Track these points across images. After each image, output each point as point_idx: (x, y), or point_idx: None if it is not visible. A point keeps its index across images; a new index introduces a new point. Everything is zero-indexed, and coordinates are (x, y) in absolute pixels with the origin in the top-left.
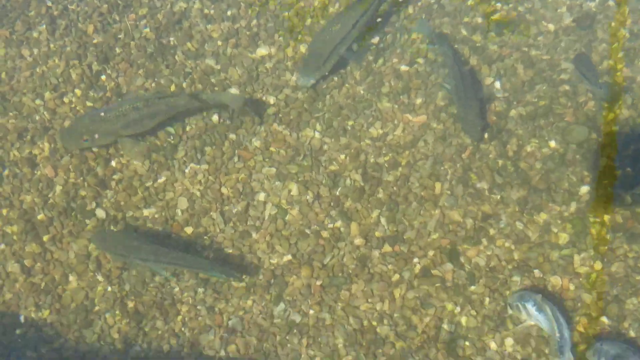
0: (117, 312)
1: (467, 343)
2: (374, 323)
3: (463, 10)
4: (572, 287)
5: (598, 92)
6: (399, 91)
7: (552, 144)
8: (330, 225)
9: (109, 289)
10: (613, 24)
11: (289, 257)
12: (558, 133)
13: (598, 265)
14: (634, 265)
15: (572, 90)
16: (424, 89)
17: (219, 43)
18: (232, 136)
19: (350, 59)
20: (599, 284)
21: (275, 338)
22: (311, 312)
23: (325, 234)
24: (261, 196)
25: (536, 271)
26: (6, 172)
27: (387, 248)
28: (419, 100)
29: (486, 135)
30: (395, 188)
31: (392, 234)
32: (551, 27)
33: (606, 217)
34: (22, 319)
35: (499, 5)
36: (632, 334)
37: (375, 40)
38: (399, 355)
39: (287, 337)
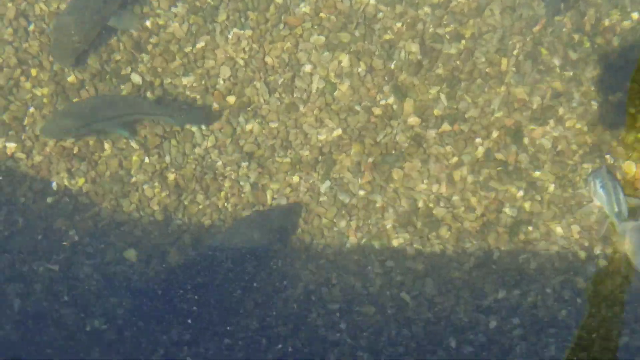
0: (157, 183)
1: (530, 228)
2: (430, 205)
3: None
4: None
5: None
6: None
7: (635, 15)
8: (383, 102)
9: (147, 160)
10: None
11: (339, 132)
12: None
13: None
14: None
15: None
16: None
17: None
18: (278, 0)
19: None
20: None
21: (321, 219)
22: (361, 192)
23: (377, 110)
24: (308, 68)
25: (608, 156)
26: (32, 27)
27: (445, 127)
28: None
29: (562, 6)
30: (458, 62)
31: (452, 112)
32: None
33: None
34: (54, 186)
35: None
36: None
37: None
38: (455, 237)
39: (335, 219)
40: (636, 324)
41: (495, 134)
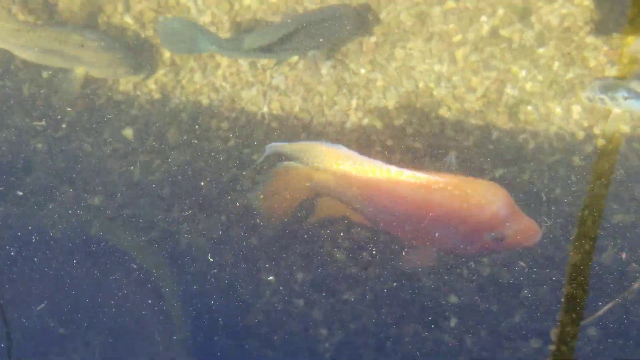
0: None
1: (530, 108)
2: (431, 85)
3: None
4: None
5: None
6: None
7: None
8: None
9: (142, 35)
10: None
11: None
12: None
13: None
14: None
15: None
16: None
17: None
18: None
19: None
20: None
21: (322, 98)
22: (362, 71)
23: None
24: None
25: (615, 34)
26: None
27: (450, 4)
28: None
29: None
30: None
31: None
32: None
33: None
34: None
35: None
36: None
37: None
38: (455, 118)
39: (335, 98)
40: (630, 202)
41: (501, 12)
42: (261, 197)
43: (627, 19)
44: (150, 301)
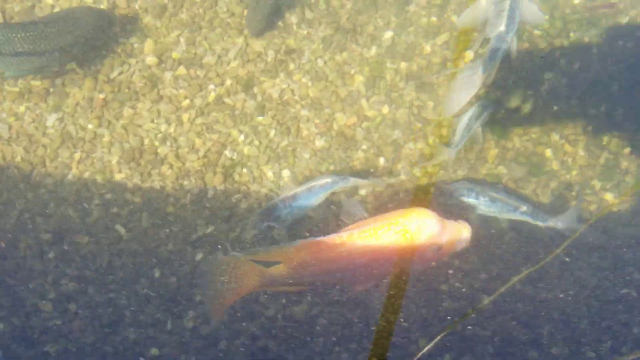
0: None
1: (245, 170)
2: (156, 143)
3: None
4: (357, 128)
5: None
6: None
7: None
8: (122, 40)
9: None
10: None
11: (74, 65)
12: None
13: (385, 109)
14: (417, 113)
15: None
16: None
17: None
18: None
19: None
20: (383, 127)
21: (45, 150)
22: (89, 126)
23: (117, 48)
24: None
25: (327, 110)
26: None
27: (181, 71)
28: None
29: None
30: (201, 10)
31: (190, 56)
32: None
33: (403, 64)
34: None
35: None
36: (402, 176)
37: None
38: (176, 175)
39: (59, 150)
40: None
41: (228, 82)
42: (212, 287)
43: (340, 98)
44: None
